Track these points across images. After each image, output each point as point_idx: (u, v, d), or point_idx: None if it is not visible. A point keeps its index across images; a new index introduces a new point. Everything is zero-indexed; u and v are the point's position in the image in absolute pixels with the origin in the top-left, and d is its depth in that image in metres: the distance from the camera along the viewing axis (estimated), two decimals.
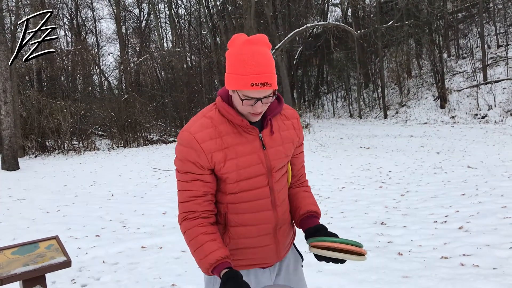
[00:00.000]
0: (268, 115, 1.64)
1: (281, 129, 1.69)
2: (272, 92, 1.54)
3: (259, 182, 1.62)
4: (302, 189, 1.84)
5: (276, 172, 1.66)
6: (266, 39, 1.55)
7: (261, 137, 1.62)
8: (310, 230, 1.67)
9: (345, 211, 6.30)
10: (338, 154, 12.69)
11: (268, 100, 1.54)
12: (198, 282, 3.85)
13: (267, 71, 1.48)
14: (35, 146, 17.49)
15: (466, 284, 3.39)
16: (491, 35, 23.43)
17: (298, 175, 1.85)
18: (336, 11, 34.74)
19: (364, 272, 3.79)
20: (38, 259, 2.57)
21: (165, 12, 34.75)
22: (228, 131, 1.58)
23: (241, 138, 1.59)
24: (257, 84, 1.46)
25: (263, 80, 1.47)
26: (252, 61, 1.47)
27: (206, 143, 1.55)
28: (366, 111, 27.19)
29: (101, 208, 7.32)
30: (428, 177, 8.43)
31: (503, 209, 5.55)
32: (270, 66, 1.50)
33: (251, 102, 1.51)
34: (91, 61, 27.21)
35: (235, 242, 1.66)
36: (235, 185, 1.60)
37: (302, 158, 1.86)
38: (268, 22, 21.57)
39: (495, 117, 18.19)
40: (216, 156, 1.55)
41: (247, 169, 1.59)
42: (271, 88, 1.50)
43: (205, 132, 1.56)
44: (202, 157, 1.55)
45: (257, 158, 1.60)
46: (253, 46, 1.50)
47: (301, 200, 1.78)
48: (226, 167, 1.56)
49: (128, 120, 19.87)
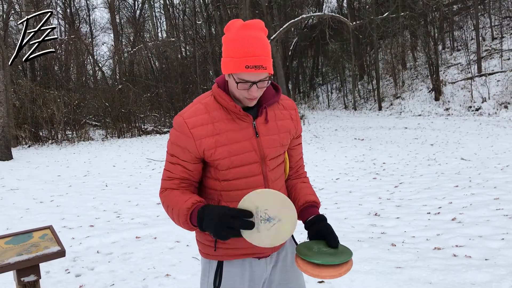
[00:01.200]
0: (263, 103, 1.65)
1: (278, 118, 1.69)
2: (267, 77, 1.54)
3: (252, 170, 1.62)
4: (299, 180, 1.83)
5: (270, 160, 1.65)
6: (262, 24, 1.56)
7: (254, 125, 1.62)
8: (308, 223, 1.65)
9: (339, 202, 6.32)
10: (332, 145, 12.71)
11: (264, 84, 1.54)
12: (192, 272, 3.86)
13: (262, 54, 1.49)
14: (29, 136, 17.37)
15: (458, 275, 3.42)
16: (486, 28, 23.46)
17: (296, 166, 1.85)
18: (332, 2, 34.69)
19: (357, 263, 3.81)
20: (32, 249, 2.56)
21: (159, 2, 34.42)
22: (222, 118, 1.59)
23: (234, 124, 1.59)
24: (251, 67, 1.47)
25: (258, 63, 1.48)
26: (247, 45, 1.48)
27: (196, 129, 1.56)
28: (360, 102, 27.23)
29: (95, 198, 7.30)
30: (421, 168, 8.47)
31: (496, 200, 5.60)
32: (265, 49, 1.51)
33: (246, 85, 1.51)
34: (84, 51, 26.97)
35: None
36: (228, 171, 1.60)
37: (300, 149, 1.85)
38: (263, 13, 21.43)
39: (489, 109, 18.27)
40: (205, 142, 1.56)
41: (239, 156, 1.59)
42: (266, 71, 1.50)
43: (197, 118, 1.58)
44: (191, 143, 1.56)
45: (250, 145, 1.60)
46: (249, 30, 1.51)
47: (299, 191, 1.77)
48: (218, 153, 1.57)
49: (122, 111, 19.77)
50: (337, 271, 1.43)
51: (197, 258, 4.19)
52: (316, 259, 1.45)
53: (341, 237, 4.56)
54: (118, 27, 31.47)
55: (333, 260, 1.44)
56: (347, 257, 1.47)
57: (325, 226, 1.60)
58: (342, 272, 1.43)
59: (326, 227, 1.59)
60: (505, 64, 20.28)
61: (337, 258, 1.45)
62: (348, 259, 1.46)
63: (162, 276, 3.83)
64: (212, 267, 1.71)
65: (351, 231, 4.89)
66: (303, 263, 1.48)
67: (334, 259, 1.45)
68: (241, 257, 1.68)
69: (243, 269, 1.69)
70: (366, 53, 29.72)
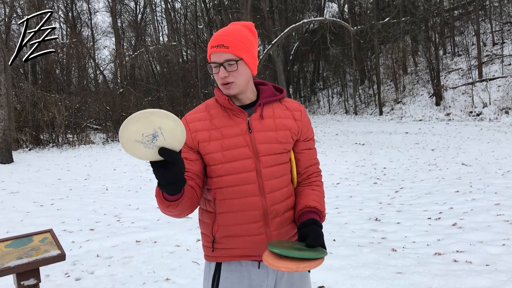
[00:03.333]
0: (260, 101, 1.69)
1: (277, 116, 1.70)
2: (234, 59, 1.59)
3: (245, 165, 1.62)
4: (309, 187, 1.76)
5: (264, 156, 1.63)
6: (250, 24, 1.67)
7: (248, 121, 1.65)
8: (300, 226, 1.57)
9: (340, 207, 6.31)
10: (333, 150, 12.71)
11: (232, 68, 1.59)
12: (192, 277, 3.85)
13: (225, 35, 1.60)
14: (29, 139, 17.39)
15: (459, 280, 3.41)
16: (486, 33, 23.49)
17: (305, 173, 1.79)
18: (333, 6, 34.77)
19: (358, 268, 3.80)
20: (32, 253, 2.56)
21: (161, 6, 34.64)
22: (219, 115, 1.67)
23: (229, 121, 1.65)
24: (214, 46, 1.59)
25: (219, 43, 1.59)
26: (215, 34, 1.63)
27: (193, 123, 1.66)
28: (361, 107, 27.24)
29: (95, 202, 7.30)
30: (422, 173, 8.46)
31: (497, 206, 5.59)
32: (231, 33, 1.61)
33: (216, 69, 1.61)
34: (86, 54, 27.04)
35: (224, 229, 1.65)
36: (220, 166, 1.62)
37: (310, 155, 1.80)
38: (265, 17, 21.50)
39: (489, 114, 18.27)
40: (200, 135, 1.64)
41: (231, 150, 1.62)
42: (228, 51, 1.58)
43: (196, 115, 1.69)
44: (187, 135, 1.64)
45: (243, 140, 1.63)
46: (229, 25, 1.65)
47: (303, 197, 1.71)
48: (211, 147, 1.62)
49: (123, 114, 19.78)
50: (296, 265, 1.35)
51: (197, 262, 4.19)
52: (277, 249, 1.39)
53: (341, 242, 4.57)
54: (119, 31, 31.58)
55: (295, 253, 1.37)
56: (313, 256, 1.38)
57: (313, 228, 1.52)
58: (300, 267, 1.35)
59: (313, 229, 1.52)
60: (506, 70, 20.29)
61: (301, 253, 1.38)
62: (311, 257, 1.37)
63: (162, 280, 3.82)
64: (211, 270, 1.71)
65: (351, 236, 4.88)
66: (266, 253, 1.44)
67: (297, 253, 1.38)
68: (239, 258, 1.67)
69: (241, 275, 1.68)
70: (367, 57, 29.76)
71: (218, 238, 1.67)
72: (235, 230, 1.64)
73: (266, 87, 1.75)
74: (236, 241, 1.64)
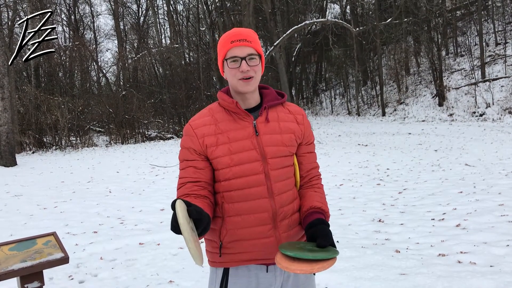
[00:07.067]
0: (264, 104, 1.69)
1: (281, 119, 1.71)
2: (256, 55, 1.62)
3: (253, 168, 1.62)
4: (311, 189, 1.79)
5: (272, 159, 1.64)
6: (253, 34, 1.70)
7: (254, 124, 1.65)
8: (308, 226, 1.59)
9: (343, 208, 6.30)
10: (336, 151, 12.69)
11: (254, 62, 1.61)
12: (196, 279, 3.85)
13: (245, 33, 1.64)
14: (33, 142, 17.44)
15: (463, 282, 3.40)
16: (489, 33, 23.44)
17: (307, 176, 1.81)
18: (335, 8, 34.73)
19: (361, 270, 3.79)
20: (35, 255, 2.56)
21: (163, 8, 34.64)
22: (224, 119, 1.67)
23: (235, 124, 1.65)
24: (236, 41, 1.60)
25: (242, 37, 1.61)
26: (231, 32, 1.66)
27: (199, 129, 1.66)
28: (364, 108, 27.21)
29: (98, 204, 7.31)
30: (425, 174, 8.44)
31: (500, 207, 5.57)
32: (248, 31, 1.66)
33: (236, 64, 1.61)
34: (89, 57, 27.11)
35: (232, 233, 1.64)
36: (228, 170, 1.62)
37: (311, 158, 1.82)
38: (267, 19, 21.51)
39: (493, 115, 18.22)
40: (207, 140, 1.63)
41: (239, 154, 1.61)
42: (251, 46, 1.61)
43: (201, 120, 1.69)
44: (195, 141, 1.64)
45: (250, 143, 1.63)
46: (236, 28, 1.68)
47: (306, 198, 1.73)
48: (218, 151, 1.62)
49: (126, 117, 19.83)
50: (310, 266, 1.35)
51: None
52: (290, 251, 1.39)
53: (345, 243, 4.55)
54: (122, 33, 31.64)
55: (308, 255, 1.36)
56: (326, 256, 1.37)
57: (322, 228, 1.54)
58: (315, 268, 1.35)
59: (322, 229, 1.54)
60: (509, 70, 20.24)
61: (314, 255, 1.37)
62: (325, 258, 1.37)
63: (166, 283, 3.82)
64: (218, 276, 1.70)
65: (355, 238, 4.87)
66: (278, 256, 1.43)
67: (311, 255, 1.37)
68: (247, 263, 1.66)
69: (249, 280, 1.67)
70: (369, 58, 29.74)
71: (226, 243, 1.66)
72: (244, 233, 1.64)
73: (268, 91, 1.78)
74: (245, 245, 1.64)
